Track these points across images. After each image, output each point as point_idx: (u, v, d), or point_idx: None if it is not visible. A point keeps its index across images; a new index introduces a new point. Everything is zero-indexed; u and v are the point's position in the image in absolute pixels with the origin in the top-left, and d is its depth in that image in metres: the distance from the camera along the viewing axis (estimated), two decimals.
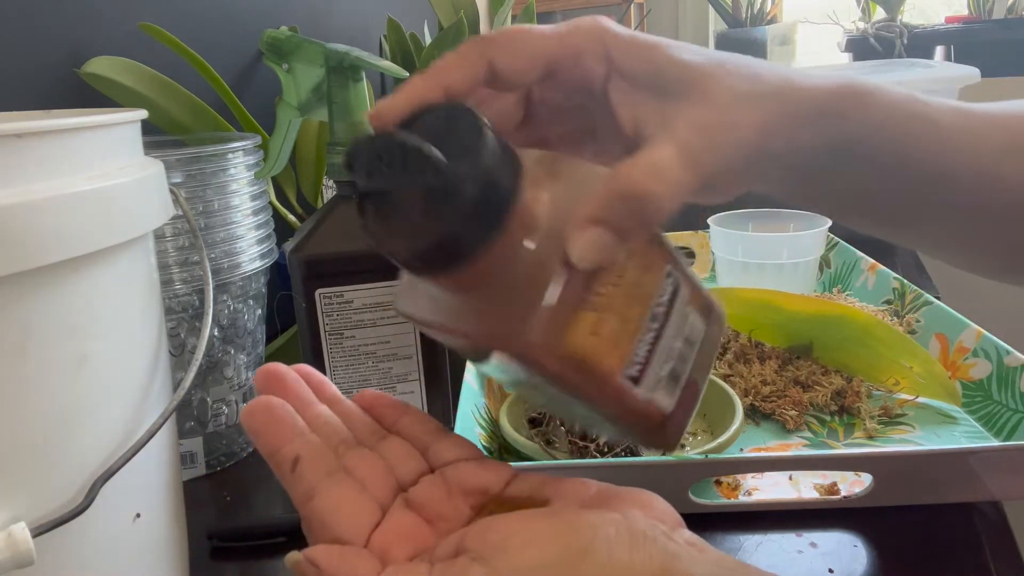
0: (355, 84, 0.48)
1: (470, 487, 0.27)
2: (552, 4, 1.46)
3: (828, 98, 0.29)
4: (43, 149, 0.28)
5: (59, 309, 0.28)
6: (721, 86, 0.27)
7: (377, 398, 0.31)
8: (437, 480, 0.27)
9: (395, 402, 0.31)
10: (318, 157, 0.78)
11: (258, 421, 0.27)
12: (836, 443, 0.53)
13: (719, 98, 0.27)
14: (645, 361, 0.27)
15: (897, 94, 0.31)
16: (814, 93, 0.29)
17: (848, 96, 0.29)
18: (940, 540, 0.43)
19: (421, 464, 0.28)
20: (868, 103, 0.30)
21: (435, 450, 0.29)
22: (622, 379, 0.26)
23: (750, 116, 0.27)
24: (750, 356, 0.62)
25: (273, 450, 0.26)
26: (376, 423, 0.30)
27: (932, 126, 0.31)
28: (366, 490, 0.26)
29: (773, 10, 1.44)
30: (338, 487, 0.26)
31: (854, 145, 0.30)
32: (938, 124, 0.31)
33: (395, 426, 0.30)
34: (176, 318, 0.51)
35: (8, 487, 0.28)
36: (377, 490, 0.27)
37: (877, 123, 0.30)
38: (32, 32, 0.57)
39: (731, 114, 0.27)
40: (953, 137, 0.31)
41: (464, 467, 0.28)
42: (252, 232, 0.56)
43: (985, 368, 0.56)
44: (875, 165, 0.31)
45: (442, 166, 0.22)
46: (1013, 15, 1.23)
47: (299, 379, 0.29)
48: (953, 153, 0.31)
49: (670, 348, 0.28)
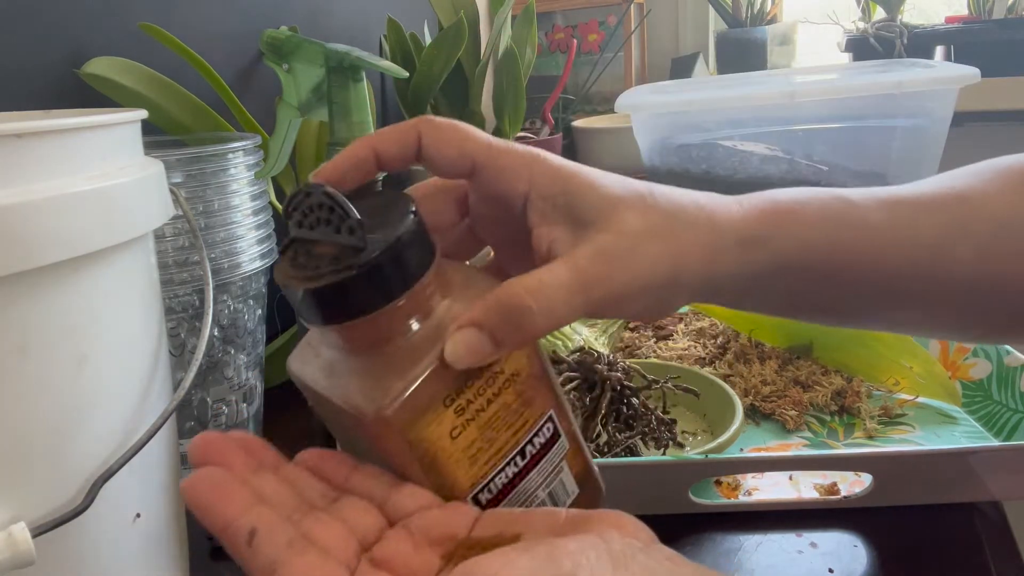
0: (355, 84, 0.48)
1: (436, 536, 0.26)
2: (552, 4, 1.46)
3: (747, 226, 0.30)
4: (43, 149, 0.28)
5: (59, 309, 0.28)
6: (631, 216, 0.28)
7: (322, 458, 0.28)
8: (401, 533, 0.26)
9: (342, 459, 0.28)
10: (318, 157, 0.78)
11: (203, 495, 0.24)
12: (836, 443, 0.53)
13: (626, 228, 0.28)
14: (499, 493, 0.28)
15: (821, 203, 0.31)
16: (732, 223, 0.30)
17: (768, 221, 0.30)
18: (940, 540, 0.43)
19: (380, 520, 0.26)
20: (789, 223, 0.30)
21: (393, 503, 0.27)
22: (468, 497, 0.27)
23: (655, 247, 0.28)
24: (750, 356, 0.63)
25: (225, 525, 0.24)
26: (325, 483, 0.28)
27: (862, 230, 0.31)
28: (330, 556, 0.24)
29: (773, 10, 1.44)
30: (300, 557, 0.24)
31: (780, 267, 0.30)
32: (868, 226, 0.31)
33: (346, 484, 0.28)
34: (176, 318, 0.51)
35: (8, 487, 0.28)
36: (341, 554, 0.25)
37: (802, 242, 0.30)
38: (32, 32, 0.57)
39: (634, 244, 0.28)
40: (886, 236, 0.31)
41: (427, 516, 0.26)
42: (252, 232, 0.56)
43: (985, 368, 0.56)
44: (808, 279, 0.31)
45: (358, 227, 0.25)
46: (1013, 15, 1.23)
47: (237, 448, 0.27)
48: (889, 252, 0.31)
49: (531, 495, 0.28)
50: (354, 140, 0.30)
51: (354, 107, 0.48)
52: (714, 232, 0.29)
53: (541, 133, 1.21)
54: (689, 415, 0.57)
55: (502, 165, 0.29)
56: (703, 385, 0.56)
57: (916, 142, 0.87)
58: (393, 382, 0.25)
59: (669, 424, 0.51)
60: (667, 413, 0.53)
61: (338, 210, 0.25)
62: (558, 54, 1.48)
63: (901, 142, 0.87)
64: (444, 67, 0.89)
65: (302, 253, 0.26)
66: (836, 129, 0.89)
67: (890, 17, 1.30)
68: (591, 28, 1.46)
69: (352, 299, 0.25)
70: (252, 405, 0.60)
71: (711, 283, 0.30)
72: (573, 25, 1.48)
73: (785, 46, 1.46)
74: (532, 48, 1.04)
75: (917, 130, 0.87)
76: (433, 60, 0.89)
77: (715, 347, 0.66)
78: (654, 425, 0.51)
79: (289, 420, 0.58)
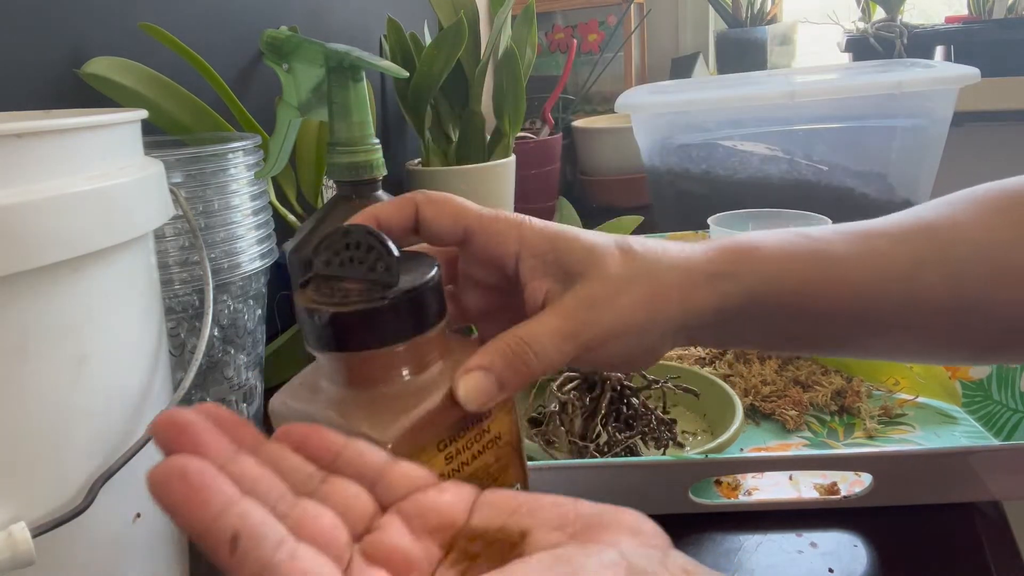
0: (355, 84, 0.48)
1: (434, 523, 0.24)
2: (552, 4, 1.46)
3: (714, 265, 0.32)
4: (43, 149, 0.28)
5: (59, 309, 0.28)
6: (613, 265, 0.31)
7: (307, 437, 0.26)
8: (395, 521, 0.24)
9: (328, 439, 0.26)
10: (318, 157, 0.78)
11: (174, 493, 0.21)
12: (836, 443, 0.53)
13: (609, 275, 0.31)
14: None
15: (785, 241, 0.33)
16: (701, 263, 0.32)
17: (734, 256, 0.32)
18: (940, 540, 0.43)
19: (372, 505, 0.25)
20: (755, 259, 0.32)
21: (384, 485, 0.25)
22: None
23: (635, 291, 0.31)
24: (750, 356, 0.63)
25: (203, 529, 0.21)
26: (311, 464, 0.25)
27: (829, 264, 0.32)
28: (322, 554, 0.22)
29: (773, 10, 1.44)
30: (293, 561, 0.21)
31: (750, 301, 0.32)
32: (835, 259, 0.32)
33: (333, 464, 0.26)
34: (176, 318, 0.51)
35: (8, 487, 0.28)
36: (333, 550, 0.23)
37: (770, 276, 0.32)
38: (32, 32, 0.57)
39: (617, 289, 0.31)
40: (855, 268, 0.32)
41: (422, 500, 0.25)
42: (252, 232, 0.56)
43: (985, 368, 0.56)
44: (778, 312, 0.33)
45: (395, 264, 0.27)
46: (1013, 15, 1.23)
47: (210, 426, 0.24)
48: (857, 283, 0.32)
49: None
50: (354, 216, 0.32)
51: (354, 107, 0.48)
52: (687, 271, 0.32)
53: (541, 133, 1.21)
54: (689, 415, 0.57)
55: (493, 231, 0.32)
56: (703, 385, 0.56)
57: (916, 142, 0.87)
58: (398, 414, 0.27)
59: (669, 424, 0.51)
60: (667, 413, 0.53)
61: (378, 247, 0.27)
62: (558, 54, 1.48)
63: (901, 142, 0.87)
64: (444, 67, 0.89)
65: (325, 287, 0.28)
66: (836, 129, 0.89)
67: (890, 17, 1.30)
68: (591, 28, 1.46)
69: (380, 326, 0.27)
70: (252, 405, 0.60)
71: (688, 320, 0.32)
72: (573, 25, 1.48)
73: (785, 46, 1.46)
74: (532, 48, 1.04)
75: (917, 130, 0.87)
76: (433, 60, 0.89)
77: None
78: (654, 425, 0.51)
79: None
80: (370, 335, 0.27)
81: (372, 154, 0.48)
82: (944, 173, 0.89)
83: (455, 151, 1.00)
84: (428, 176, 0.98)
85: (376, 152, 0.48)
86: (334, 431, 0.26)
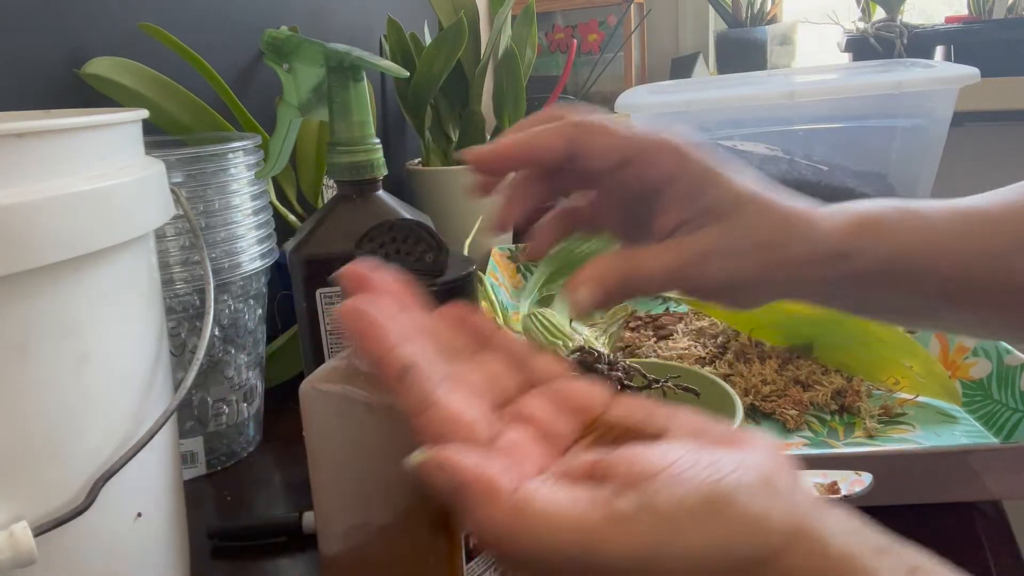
0: (355, 84, 0.48)
1: (577, 404, 0.26)
2: (552, 4, 1.46)
3: (843, 238, 0.32)
4: (43, 149, 0.28)
5: (59, 309, 0.28)
6: (745, 222, 0.32)
7: (466, 315, 0.29)
8: (543, 395, 0.26)
9: (482, 322, 0.29)
10: (318, 157, 0.78)
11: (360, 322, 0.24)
12: (836, 442, 0.53)
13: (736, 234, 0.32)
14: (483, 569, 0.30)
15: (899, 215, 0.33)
16: (831, 232, 0.33)
17: (859, 231, 0.33)
18: (940, 540, 0.43)
19: (522, 378, 0.27)
20: (882, 233, 0.33)
21: (533, 366, 0.28)
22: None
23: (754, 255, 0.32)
24: (750, 356, 0.63)
25: (381, 355, 0.24)
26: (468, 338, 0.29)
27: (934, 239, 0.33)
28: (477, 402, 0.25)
29: (773, 10, 1.44)
30: (453, 396, 0.24)
31: (859, 276, 0.33)
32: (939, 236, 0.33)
33: (488, 341, 0.29)
34: (177, 318, 0.51)
35: (9, 486, 0.28)
36: (487, 402, 0.25)
37: (883, 253, 0.33)
38: (32, 32, 0.57)
39: (738, 248, 0.32)
40: (955, 245, 0.33)
41: (566, 384, 0.27)
42: (252, 232, 0.56)
43: (985, 367, 0.56)
44: (881, 286, 0.34)
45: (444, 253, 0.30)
46: (1013, 15, 1.23)
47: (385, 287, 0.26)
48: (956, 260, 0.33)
49: None
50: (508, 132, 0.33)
51: (354, 107, 0.48)
52: (813, 246, 0.32)
53: None
54: None
55: (650, 162, 0.32)
56: (703, 385, 0.56)
57: (916, 142, 0.87)
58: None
59: None
60: None
61: (427, 238, 0.29)
62: (558, 54, 1.48)
63: (901, 142, 0.87)
64: (444, 67, 0.89)
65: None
66: (836, 129, 0.89)
67: (890, 17, 1.30)
68: (591, 28, 1.46)
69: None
70: (252, 405, 0.60)
71: (792, 288, 0.33)
72: (573, 25, 1.48)
73: (785, 46, 1.46)
74: (532, 48, 1.04)
75: (917, 130, 0.87)
76: (433, 60, 0.89)
77: (715, 347, 0.66)
78: None
79: (289, 420, 0.58)
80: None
81: (372, 154, 0.48)
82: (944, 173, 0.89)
83: (455, 151, 1.00)
84: (428, 176, 0.98)
85: (376, 152, 0.48)
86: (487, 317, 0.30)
